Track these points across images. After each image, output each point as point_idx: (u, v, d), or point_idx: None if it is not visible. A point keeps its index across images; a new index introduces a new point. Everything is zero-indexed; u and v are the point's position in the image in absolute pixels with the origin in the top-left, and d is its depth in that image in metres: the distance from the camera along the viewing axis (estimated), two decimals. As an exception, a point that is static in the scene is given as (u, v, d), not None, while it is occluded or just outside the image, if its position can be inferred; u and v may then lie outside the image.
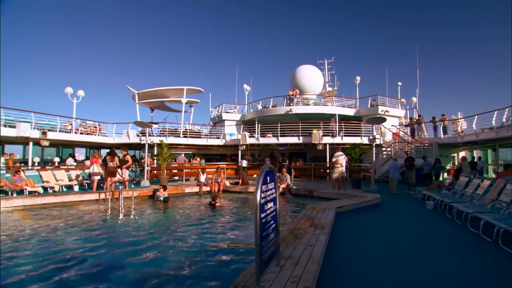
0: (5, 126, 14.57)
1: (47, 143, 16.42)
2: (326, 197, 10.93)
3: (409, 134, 20.11)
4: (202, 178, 12.98)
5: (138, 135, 19.55)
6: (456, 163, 19.04)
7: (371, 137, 13.98)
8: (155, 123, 21.78)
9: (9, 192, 10.12)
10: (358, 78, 24.09)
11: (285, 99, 22.48)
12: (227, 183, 14.13)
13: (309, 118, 20.21)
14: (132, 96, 24.20)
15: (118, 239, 6.27)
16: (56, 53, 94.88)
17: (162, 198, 10.33)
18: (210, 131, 24.02)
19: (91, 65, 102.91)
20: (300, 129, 19.29)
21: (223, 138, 22.55)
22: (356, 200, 9.47)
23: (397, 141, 19.18)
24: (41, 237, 6.13)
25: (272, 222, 3.18)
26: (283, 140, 19.74)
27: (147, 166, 14.09)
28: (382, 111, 20.76)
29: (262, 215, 2.83)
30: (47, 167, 14.82)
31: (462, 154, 20.53)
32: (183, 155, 20.62)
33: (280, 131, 19.63)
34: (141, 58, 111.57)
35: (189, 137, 21.29)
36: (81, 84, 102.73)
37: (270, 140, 20.24)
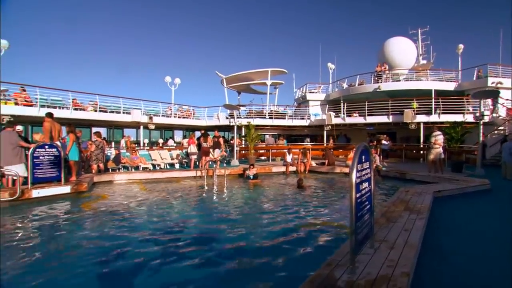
0: (123, 113, 17.46)
1: (153, 127, 19.04)
2: (421, 180, 10.05)
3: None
4: (289, 158, 13.21)
5: (227, 118, 20.90)
6: None
7: (477, 114, 12.02)
8: (243, 106, 22.85)
9: (129, 167, 12.16)
10: (461, 46, 20.59)
11: (373, 76, 20.85)
12: (313, 163, 14.09)
13: (400, 95, 18.39)
14: (221, 80, 25.72)
15: (213, 212, 6.96)
16: (158, 47, 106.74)
17: (251, 176, 10.95)
18: (294, 111, 24.07)
19: (185, 53, 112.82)
20: (389, 107, 17.78)
21: (308, 118, 22.37)
22: (458, 184, 8.41)
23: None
24: (152, 206, 7.21)
25: (367, 202, 3.10)
26: (370, 119, 18.55)
27: (236, 146, 15.01)
28: (493, 83, 17.42)
29: (357, 195, 2.78)
30: (153, 148, 17.20)
31: None
32: (271, 136, 21.27)
33: (367, 110, 18.45)
34: (228, 42, 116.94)
35: (274, 118, 21.74)
36: (177, 72, 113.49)
37: (356, 119, 19.26)
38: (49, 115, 8.60)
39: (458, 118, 15.46)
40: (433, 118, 16.59)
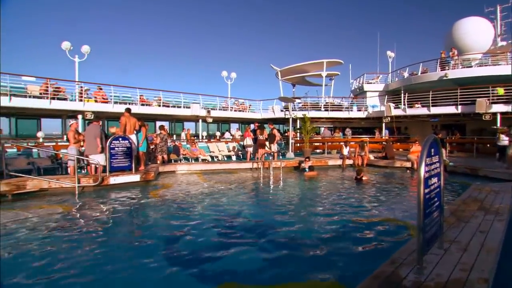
0: (183, 107, 18.58)
1: (210, 120, 19.94)
2: (496, 178, 9.05)
3: None
4: (345, 151, 12.83)
5: (282, 110, 20.90)
6: None
7: None
8: (298, 98, 22.63)
9: (190, 159, 12.93)
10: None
11: (438, 62, 18.89)
12: (371, 157, 13.48)
13: (471, 83, 16.39)
14: (275, 73, 25.71)
15: (269, 202, 7.13)
16: (215, 43, 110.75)
17: (307, 169, 10.86)
18: (351, 103, 23.14)
19: (241, 46, 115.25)
20: (458, 96, 16.06)
21: (365, 110, 21.35)
22: (548, 184, 7.36)
23: None
24: (211, 195, 7.58)
25: (436, 199, 2.90)
26: (435, 110, 16.96)
27: (291, 139, 14.98)
28: None
29: (426, 191, 2.61)
30: (211, 140, 17.99)
31: None
32: (327, 128, 20.82)
33: (431, 100, 16.92)
34: (283, 35, 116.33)
35: (330, 110, 21.17)
36: (233, 66, 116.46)
37: (419, 110, 17.81)
38: (128, 110, 9.52)
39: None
40: (513, 107, 14.54)
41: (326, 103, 21.88)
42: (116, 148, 8.54)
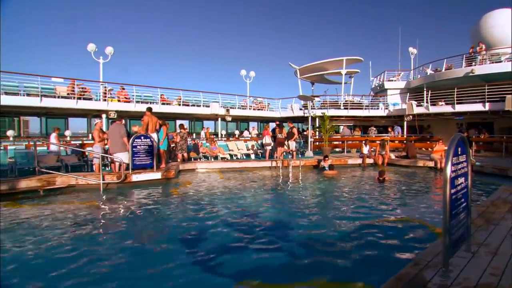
0: (203, 106, 18.83)
1: (229, 118, 20.08)
2: (528, 179, 8.61)
3: None
4: (365, 150, 12.60)
5: (301, 109, 20.75)
6: None
7: None
8: (317, 96, 22.39)
9: (209, 157, 13.09)
10: None
11: (464, 58, 18.09)
12: (392, 156, 13.17)
13: (500, 79, 15.59)
14: (294, 72, 25.53)
15: (289, 201, 7.10)
16: (234, 41, 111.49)
17: (326, 168, 10.76)
18: (371, 101, 22.67)
19: (260, 46, 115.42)
20: (486, 93, 15.36)
21: (386, 108, 20.86)
22: None
23: None
24: (230, 193, 7.66)
25: (463, 200, 2.81)
26: (460, 108, 16.28)
27: (310, 137, 14.86)
28: None
29: (452, 191, 2.53)
30: (230, 138, 18.14)
31: None
32: (346, 127, 20.51)
33: (456, 97, 16.28)
34: (301, 33, 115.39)
35: (350, 108, 20.83)
36: (252, 65, 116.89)
37: (443, 108, 17.13)
38: (149, 109, 9.78)
39: None
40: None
41: (346, 101, 21.55)
42: (138, 147, 8.76)
